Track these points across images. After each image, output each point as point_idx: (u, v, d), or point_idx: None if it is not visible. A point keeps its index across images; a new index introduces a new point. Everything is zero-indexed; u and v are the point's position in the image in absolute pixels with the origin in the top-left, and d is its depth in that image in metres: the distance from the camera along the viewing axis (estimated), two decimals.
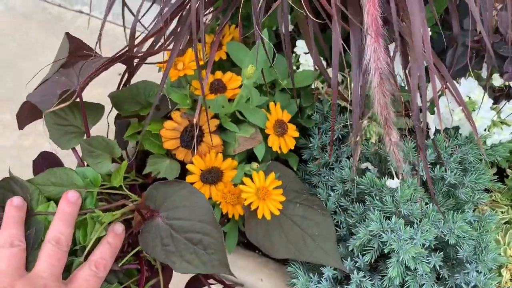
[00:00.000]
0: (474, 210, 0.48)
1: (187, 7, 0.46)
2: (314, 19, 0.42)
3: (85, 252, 0.40)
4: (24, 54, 1.35)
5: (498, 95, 0.50)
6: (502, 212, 0.50)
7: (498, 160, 0.52)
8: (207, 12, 0.55)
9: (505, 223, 0.50)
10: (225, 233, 0.47)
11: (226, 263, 0.40)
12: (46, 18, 1.44)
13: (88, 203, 0.42)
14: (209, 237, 0.40)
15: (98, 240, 0.41)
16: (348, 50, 0.41)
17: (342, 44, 0.40)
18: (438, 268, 0.42)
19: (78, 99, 0.44)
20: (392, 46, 0.44)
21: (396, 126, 0.41)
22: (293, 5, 0.41)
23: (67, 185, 0.42)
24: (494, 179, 0.50)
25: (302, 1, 0.41)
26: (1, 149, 1.15)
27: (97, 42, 0.46)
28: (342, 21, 0.40)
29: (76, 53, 0.48)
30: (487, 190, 0.50)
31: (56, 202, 0.41)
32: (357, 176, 0.46)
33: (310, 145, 0.51)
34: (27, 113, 0.48)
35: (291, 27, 0.54)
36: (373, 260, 0.42)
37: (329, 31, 0.42)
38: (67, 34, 0.49)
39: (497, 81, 0.49)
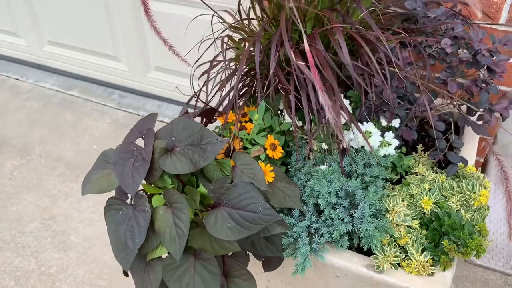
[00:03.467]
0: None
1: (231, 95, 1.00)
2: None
3: None
4: None
5: (384, 130, 0.97)
6: (393, 189, 0.94)
7: (397, 165, 0.97)
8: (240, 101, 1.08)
9: (393, 195, 0.93)
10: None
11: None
12: None
13: None
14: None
15: None
16: (301, 107, 0.91)
17: (296, 103, 0.91)
18: (347, 206, 0.86)
19: None
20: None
21: (329, 143, 0.90)
22: (275, 89, 0.93)
23: None
24: (393, 179, 0.96)
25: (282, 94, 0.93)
26: None
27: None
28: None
29: None
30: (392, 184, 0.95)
31: None
32: (310, 169, 0.93)
33: (290, 160, 0.99)
34: None
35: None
36: (314, 203, 0.87)
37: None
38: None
39: (383, 122, 0.97)
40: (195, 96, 1.00)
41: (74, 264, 1.61)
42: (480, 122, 1.03)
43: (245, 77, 1.08)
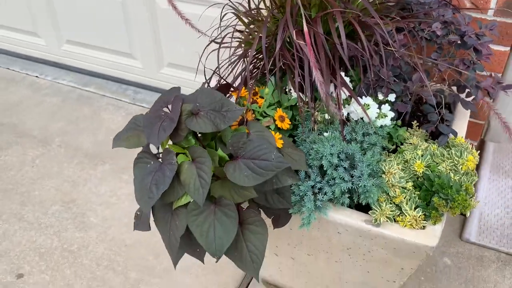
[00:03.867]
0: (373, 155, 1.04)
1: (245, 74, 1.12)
2: (298, 74, 1.05)
3: None
4: None
5: (381, 103, 1.08)
6: (388, 156, 1.05)
7: (393, 136, 1.08)
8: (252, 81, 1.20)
9: (389, 160, 1.04)
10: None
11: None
12: None
13: None
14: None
15: None
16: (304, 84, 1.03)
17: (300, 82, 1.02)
18: (347, 167, 0.97)
19: None
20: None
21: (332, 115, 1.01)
22: (284, 67, 1.05)
23: None
24: (390, 148, 1.07)
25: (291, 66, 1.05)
26: None
27: None
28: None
29: None
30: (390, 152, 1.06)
31: None
32: (315, 137, 1.04)
33: (296, 132, 1.10)
34: None
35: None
36: (318, 166, 0.99)
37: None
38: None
39: (380, 97, 1.08)
40: (216, 72, 1.12)
41: (94, 242, 1.72)
42: (470, 99, 1.14)
43: (255, 60, 1.20)
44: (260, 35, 1.07)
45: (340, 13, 1.01)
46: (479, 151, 1.14)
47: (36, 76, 2.70)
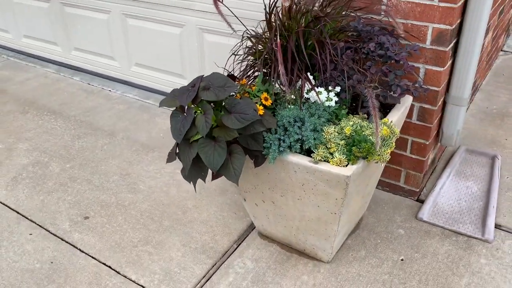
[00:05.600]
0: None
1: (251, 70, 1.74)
2: (280, 67, 1.66)
3: None
4: None
5: (329, 92, 1.66)
6: (336, 125, 1.61)
7: (338, 115, 1.65)
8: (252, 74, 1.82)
9: (329, 126, 1.59)
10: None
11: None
12: None
13: None
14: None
15: None
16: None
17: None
18: (300, 126, 1.54)
19: None
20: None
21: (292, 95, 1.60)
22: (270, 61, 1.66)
23: None
24: (336, 123, 1.63)
25: (277, 59, 1.66)
26: None
27: None
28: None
29: None
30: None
31: None
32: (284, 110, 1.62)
33: (275, 109, 1.68)
34: None
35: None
36: (282, 125, 1.56)
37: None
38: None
39: (330, 88, 1.65)
40: (227, 70, 1.75)
41: (141, 201, 2.35)
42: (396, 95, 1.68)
43: (254, 65, 1.82)
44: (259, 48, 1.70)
45: (306, 34, 1.61)
46: (449, 158, 1.68)
47: (110, 90, 3.47)
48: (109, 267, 1.96)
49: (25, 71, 3.84)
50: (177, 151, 1.61)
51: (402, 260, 1.92)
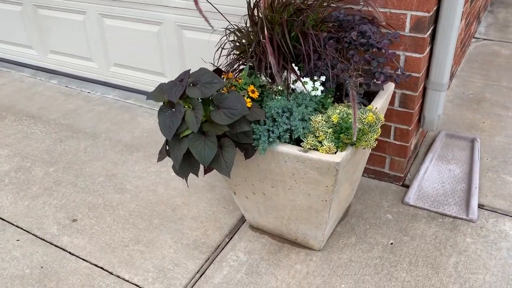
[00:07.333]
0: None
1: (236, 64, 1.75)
2: (271, 59, 1.67)
3: None
4: None
5: (315, 81, 1.68)
6: (324, 114, 1.63)
7: (325, 104, 1.67)
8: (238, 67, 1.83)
9: (317, 115, 1.61)
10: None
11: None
12: None
13: None
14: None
15: None
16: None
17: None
18: (288, 116, 1.56)
19: None
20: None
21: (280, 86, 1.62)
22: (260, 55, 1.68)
23: None
24: (323, 112, 1.65)
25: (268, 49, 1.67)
26: None
27: None
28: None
29: None
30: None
31: None
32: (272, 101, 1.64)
33: (263, 102, 1.70)
34: None
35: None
36: (270, 116, 1.58)
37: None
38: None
39: (316, 78, 1.68)
40: (214, 65, 1.75)
41: (128, 200, 2.33)
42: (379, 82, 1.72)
43: (240, 59, 1.83)
44: (243, 41, 1.71)
45: (289, 26, 1.63)
46: (431, 143, 1.71)
47: (89, 92, 3.42)
48: (101, 268, 1.94)
49: None
50: (167, 148, 1.60)
51: (391, 244, 1.97)
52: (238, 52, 1.79)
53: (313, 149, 1.55)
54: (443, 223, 2.06)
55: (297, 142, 1.60)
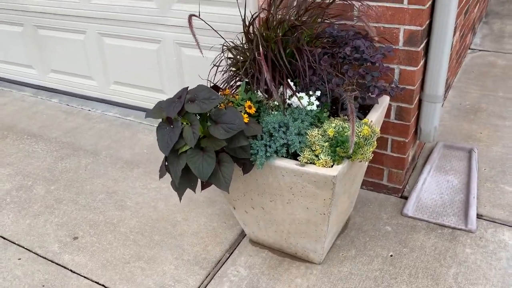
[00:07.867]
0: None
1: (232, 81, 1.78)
2: (267, 75, 1.70)
3: None
4: None
5: (310, 96, 1.71)
6: (320, 128, 1.66)
7: (320, 118, 1.70)
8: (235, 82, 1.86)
9: (313, 130, 1.64)
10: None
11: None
12: None
13: None
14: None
15: None
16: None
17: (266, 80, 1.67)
18: (284, 131, 1.58)
19: None
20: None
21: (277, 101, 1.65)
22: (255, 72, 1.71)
23: None
24: (319, 126, 1.68)
25: (264, 67, 1.70)
26: None
27: None
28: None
29: None
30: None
31: None
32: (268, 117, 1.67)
33: (260, 117, 1.72)
34: None
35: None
36: (267, 131, 1.60)
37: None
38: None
39: (311, 93, 1.70)
40: (212, 82, 1.78)
41: (129, 217, 2.34)
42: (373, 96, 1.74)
43: (237, 75, 1.86)
44: (241, 58, 1.74)
45: (285, 43, 1.66)
46: (428, 154, 1.73)
47: (89, 110, 3.46)
48: (103, 285, 1.95)
49: (0, 96, 3.80)
50: (166, 163, 1.63)
51: (391, 256, 1.97)
52: (234, 69, 1.83)
53: (310, 163, 1.57)
54: (442, 234, 2.06)
55: (294, 156, 1.62)
